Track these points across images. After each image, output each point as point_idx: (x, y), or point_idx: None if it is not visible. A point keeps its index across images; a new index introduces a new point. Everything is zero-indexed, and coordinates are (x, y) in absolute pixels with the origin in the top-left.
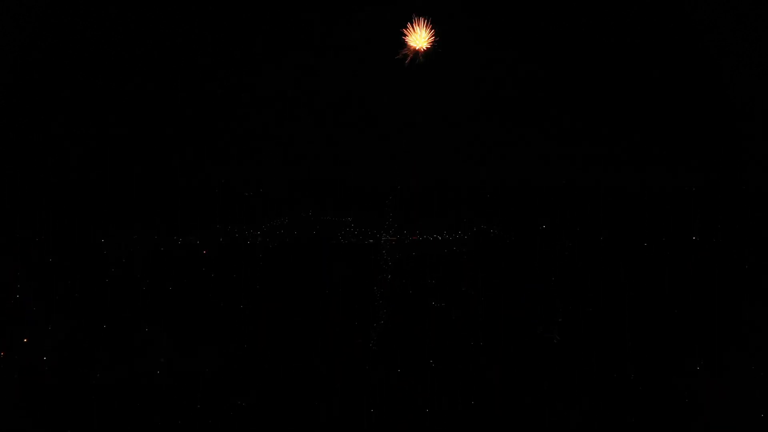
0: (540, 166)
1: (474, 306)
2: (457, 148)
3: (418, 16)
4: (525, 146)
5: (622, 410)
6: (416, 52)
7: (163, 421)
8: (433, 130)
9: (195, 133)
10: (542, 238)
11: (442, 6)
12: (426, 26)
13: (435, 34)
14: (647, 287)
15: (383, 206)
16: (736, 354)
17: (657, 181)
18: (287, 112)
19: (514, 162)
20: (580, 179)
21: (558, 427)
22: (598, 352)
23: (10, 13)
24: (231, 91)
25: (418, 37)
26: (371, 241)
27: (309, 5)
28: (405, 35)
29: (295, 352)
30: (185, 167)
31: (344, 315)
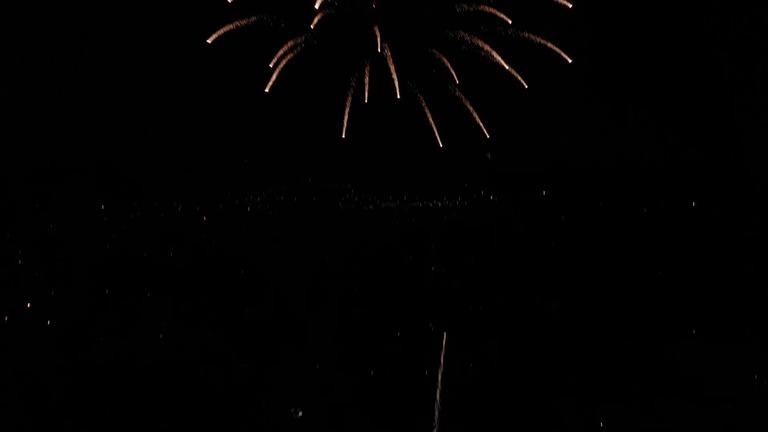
0: (540, 136)
1: (473, 272)
2: (457, 116)
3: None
4: (526, 115)
5: (620, 377)
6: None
7: (165, 389)
8: (434, 99)
9: (194, 100)
10: (542, 205)
11: None
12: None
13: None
14: (646, 254)
15: (384, 173)
16: (734, 320)
17: (658, 150)
18: (287, 80)
19: (514, 131)
20: (581, 147)
21: (555, 393)
22: (596, 319)
23: None
24: (228, 61)
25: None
26: (371, 207)
27: None
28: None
29: (294, 318)
30: (183, 134)
31: (344, 281)
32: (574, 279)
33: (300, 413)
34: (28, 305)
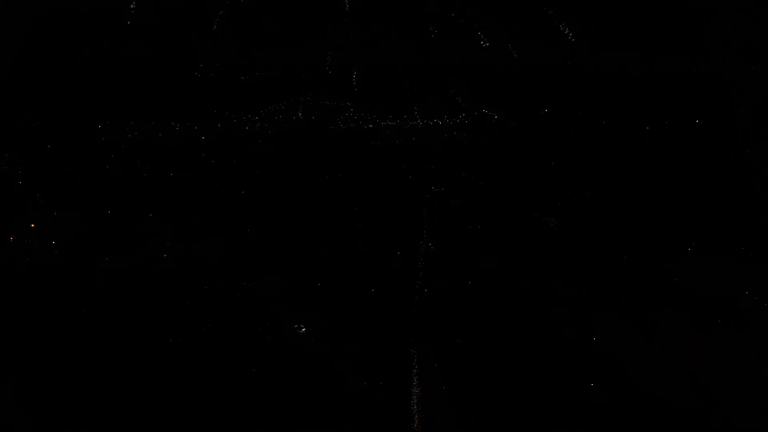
0: (543, 50)
1: (474, 191)
2: (460, 30)
3: None
4: (528, 29)
5: (616, 292)
6: None
7: (169, 305)
8: (436, 11)
9: (191, 16)
10: (544, 122)
11: None
12: None
13: None
14: (648, 171)
15: (383, 90)
16: (730, 238)
17: (661, 66)
18: None
19: (516, 46)
20: (584, 63)
21: (550, 306)
22: (594, 236)
23: None
24: None
25: None
26: (371, 126)
27: None
28: None
29: (294, 236)
30: (181, 52)
31: (343, 199)
32: (574, 196)
33: (303, 329)
34: (32, 225)
